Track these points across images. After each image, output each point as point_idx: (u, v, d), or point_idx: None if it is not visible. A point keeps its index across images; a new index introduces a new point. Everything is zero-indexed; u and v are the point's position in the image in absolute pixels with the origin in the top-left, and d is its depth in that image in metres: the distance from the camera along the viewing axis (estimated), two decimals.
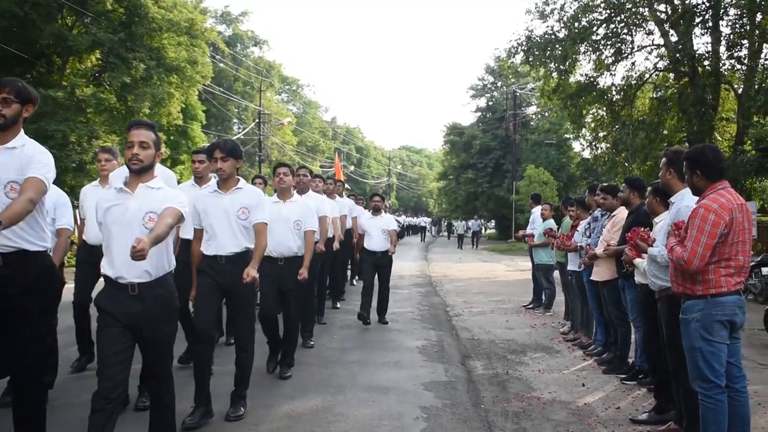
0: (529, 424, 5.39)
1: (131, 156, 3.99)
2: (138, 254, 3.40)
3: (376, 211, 10.45)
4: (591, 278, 7.62)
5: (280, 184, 6.82)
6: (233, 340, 6.37)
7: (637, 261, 5.61)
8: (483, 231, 40.85)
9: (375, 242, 10.26)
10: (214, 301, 5.34)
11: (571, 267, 9.00)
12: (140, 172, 4.03)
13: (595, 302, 8.02)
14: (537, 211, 12.55)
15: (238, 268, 5.12)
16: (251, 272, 5.01)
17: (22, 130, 4.01)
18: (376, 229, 10.29)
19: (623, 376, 6.91)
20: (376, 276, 10.39)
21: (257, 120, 44.68)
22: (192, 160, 6.89)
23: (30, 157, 3.85)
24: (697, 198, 4.43)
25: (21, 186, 3.77)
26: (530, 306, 12.22)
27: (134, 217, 3.94)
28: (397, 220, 21.30)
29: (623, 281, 6.65)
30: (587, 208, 8.95)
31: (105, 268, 4.00)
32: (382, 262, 10.32)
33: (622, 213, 7.16)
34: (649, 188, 5.88)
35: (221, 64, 43.17)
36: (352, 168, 72.70)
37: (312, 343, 8.42)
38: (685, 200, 4.71)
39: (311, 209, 7.02)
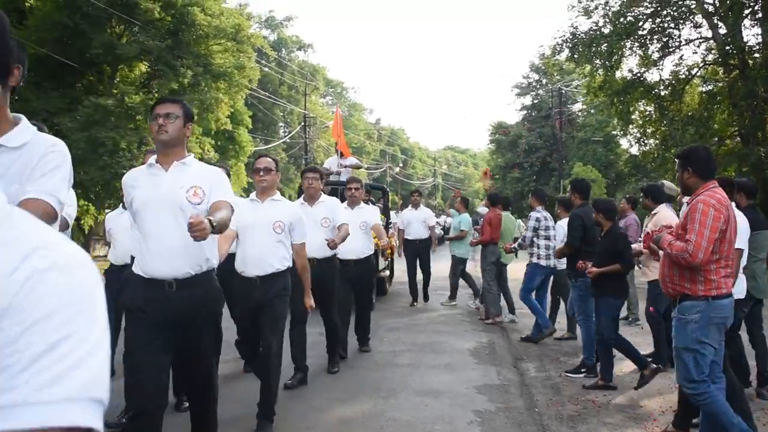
0: (585, 428, 5.32)
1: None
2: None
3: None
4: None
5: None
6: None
7: None
8: None
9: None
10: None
11: None
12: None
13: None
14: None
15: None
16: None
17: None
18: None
19: None
20: None
21: (303, 123, 45.00)
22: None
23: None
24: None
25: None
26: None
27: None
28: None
29: None
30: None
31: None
32: None
33: (663, 211, 7.04)
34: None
35: (266, 69, 43.58)
36: (397, 169, 72.82)
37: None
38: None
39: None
